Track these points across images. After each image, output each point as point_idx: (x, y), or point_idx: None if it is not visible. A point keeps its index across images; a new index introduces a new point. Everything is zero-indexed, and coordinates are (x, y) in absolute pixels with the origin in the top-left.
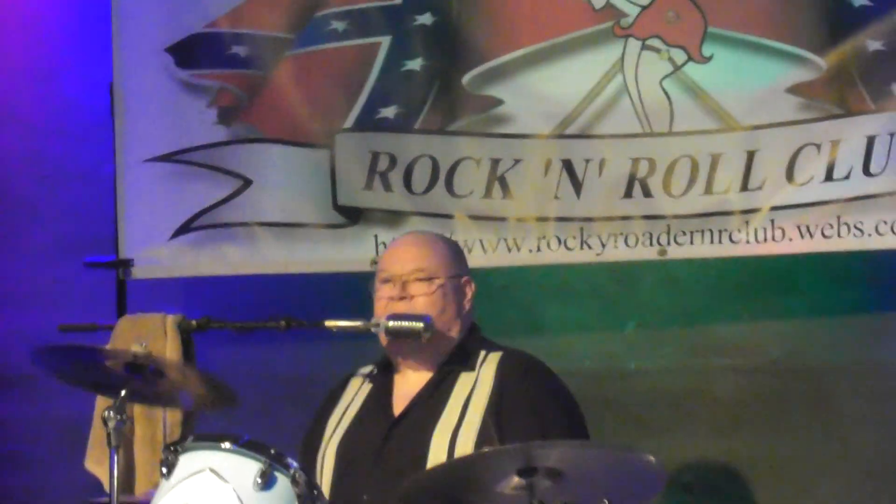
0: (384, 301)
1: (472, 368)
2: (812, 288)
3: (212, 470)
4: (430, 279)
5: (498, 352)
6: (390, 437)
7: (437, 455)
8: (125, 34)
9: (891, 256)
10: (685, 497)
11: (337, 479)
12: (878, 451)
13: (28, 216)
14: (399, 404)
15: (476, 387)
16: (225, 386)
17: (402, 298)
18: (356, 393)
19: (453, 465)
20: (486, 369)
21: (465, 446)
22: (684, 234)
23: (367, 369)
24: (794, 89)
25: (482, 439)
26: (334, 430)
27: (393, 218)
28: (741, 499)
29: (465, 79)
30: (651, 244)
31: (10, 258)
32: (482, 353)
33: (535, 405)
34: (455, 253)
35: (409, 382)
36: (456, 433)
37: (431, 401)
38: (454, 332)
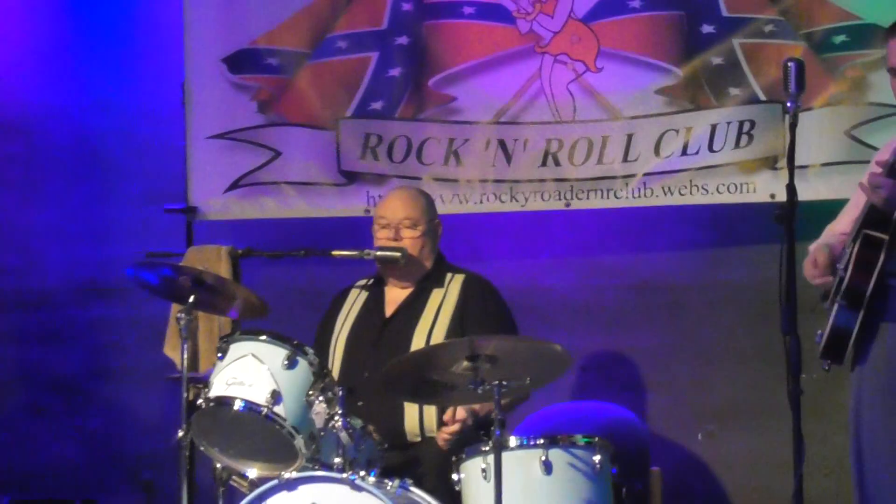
0: (382, 240)
1: (441, 285)
2: (672, 230)
3: (253, 355)
4: (414, 226)
5: (461, 274)
6: (384, 331)
7: (417, 345)
8: (193, 49)
9: (726, 208)
10: (582, 375)
11: (345, 361)
12: (716, 343)
13: (123, 176)
14: (388, 309)
15: (445, 298)
16: (259, 299)
17: (394, 240)
18: (356, 299)
19: (422, 353)
20: (453, 286)
21: (437, 340)
22: (583, 191)
23: (361, 282)
24: (660, 91)
25: (450, 335)
26: (342, 326)
27: (379, 179)
28: (619, 375)
29: (431, 82)
30: (560, 199)
31: (111, 207)
32: (449, 274)
33: (487, 313)
34: (430, 203)
35: (395, 294)
36: (431, 330)
37: (412, 307)
38: (429, 260)
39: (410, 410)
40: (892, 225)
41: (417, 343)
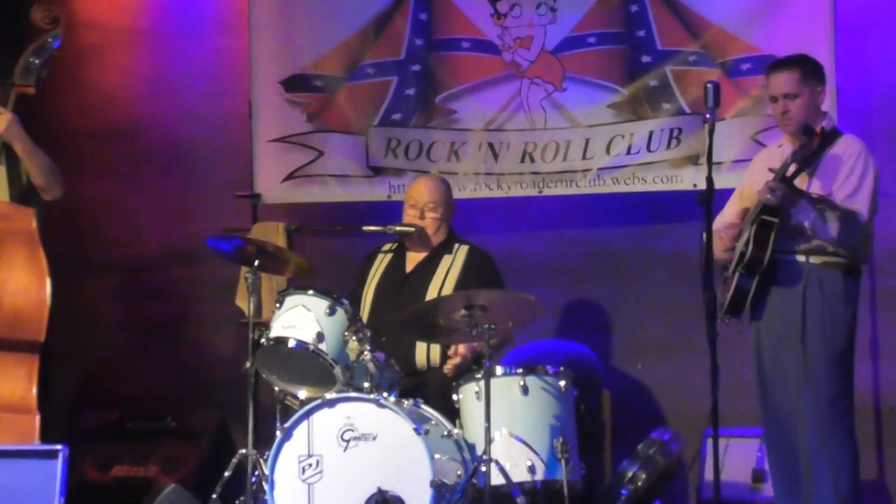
0: (410, 217)
1: (450, 252)
2: (619, 210)
3: (303, 305)
4: (436, 208)
5: (466, 245)
6: (404, 284)
7: (431, 297)
8: (258, 74)
9: (660, 194)
10: (552, 320)
11: (374, 308)
12: (652, 296)
13: (204, 170)
14: (408, 267)
15: (453, 263)
16: (307, 263)
17: (420, 218)
18: (382, 260)
19: (430, 303)
20: (460, 254)
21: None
22: (552, 181)
23: (386, 247)
24: (611, 106)
25: (457, 290)
26: (371, 280)
27: (398, 172)
28: (579, 320)
29: (437, 99)
30: (534, 187)
31: (195, 194)
32: (456, 245)
33: (485, 275)
34: (449, 190)
35: (414, 257)
36: (442, 286)
37: (427, 268)
38: (443, 234)
39: (420, 347)
40: (781, 214)
41: (431, 296)
